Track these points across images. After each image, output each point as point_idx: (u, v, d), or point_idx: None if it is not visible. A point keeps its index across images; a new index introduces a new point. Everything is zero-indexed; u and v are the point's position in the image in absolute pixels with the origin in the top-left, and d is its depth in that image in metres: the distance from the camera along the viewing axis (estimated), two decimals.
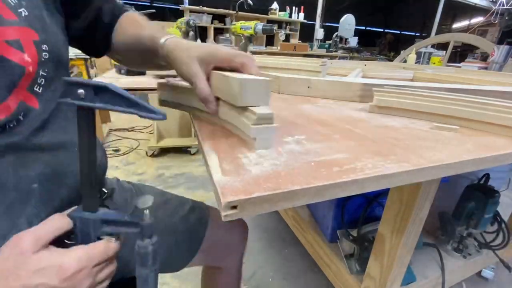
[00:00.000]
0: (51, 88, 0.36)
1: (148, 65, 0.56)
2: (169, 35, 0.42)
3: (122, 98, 0.26)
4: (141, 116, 0.26)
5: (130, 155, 2.21)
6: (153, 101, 2.22)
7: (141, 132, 2.68)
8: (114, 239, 0.32)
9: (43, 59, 0.34)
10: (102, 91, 0.26)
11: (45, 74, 0.35)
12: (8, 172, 0.31)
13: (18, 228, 0.31)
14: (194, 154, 2.22)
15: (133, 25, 0.50)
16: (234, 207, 0.22)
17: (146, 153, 2.18)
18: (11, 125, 0.31)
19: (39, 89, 0.34)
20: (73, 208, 0.33)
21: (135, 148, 2.32)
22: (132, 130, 2.71)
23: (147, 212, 0.32)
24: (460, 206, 0.90)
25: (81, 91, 0.26)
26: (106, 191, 0.50)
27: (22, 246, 0.28)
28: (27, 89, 0.33)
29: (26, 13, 0.33)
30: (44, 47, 0.34)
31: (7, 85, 0.30)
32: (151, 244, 0.32)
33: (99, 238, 0.32)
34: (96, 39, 0.50)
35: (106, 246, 0.31)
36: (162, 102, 0.51)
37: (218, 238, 0.64)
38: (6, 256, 0.27)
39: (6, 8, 0.31)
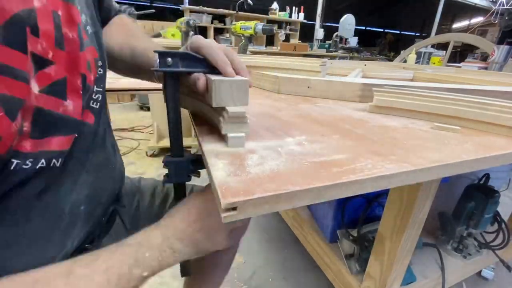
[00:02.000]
0: (102, 104, 0.36)
1: (136, 75, 0.51)
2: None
3: (200, 61, 0.33)
4: (217, 74, 0.33)
5: (130, 155, 2.20)
6: (153, 100, 2.22)
7: (141, 132, 2.68)
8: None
9: (97, 76, 0.34)
10: (185, 58, 0.32)
11: (100, 89, 0.34)
12: (66, 197, 0.32)
13: (65, 250, 0.32)
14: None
15: (124, 32, 0.48)
16: (234, 208, 0.22)
17: (146, 153, 2.18)
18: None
19: (96, 105, 0.34)
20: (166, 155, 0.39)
21: (135, 148, 2.31)
22: (132, 130, 2.71)
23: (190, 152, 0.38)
24: (460, 206, 0.90)
25: (169, 59, 0.31)
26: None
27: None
28: (86, 106, 0.32)
29: (91, 30, 0.33)
30: (100, 63, 0.34)
31: (82, 105, 0.31)
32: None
33: (189, 176, 0.39)
34: None
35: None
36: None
37: None
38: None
39: (83, 29, 0.30)
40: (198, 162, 0.39)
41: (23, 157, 0.25)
